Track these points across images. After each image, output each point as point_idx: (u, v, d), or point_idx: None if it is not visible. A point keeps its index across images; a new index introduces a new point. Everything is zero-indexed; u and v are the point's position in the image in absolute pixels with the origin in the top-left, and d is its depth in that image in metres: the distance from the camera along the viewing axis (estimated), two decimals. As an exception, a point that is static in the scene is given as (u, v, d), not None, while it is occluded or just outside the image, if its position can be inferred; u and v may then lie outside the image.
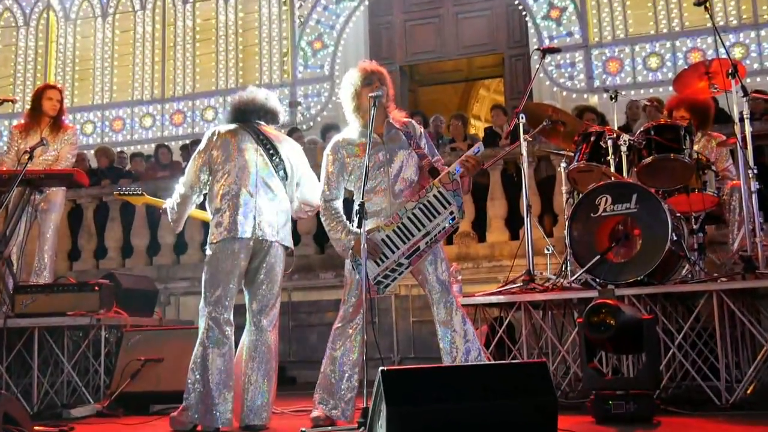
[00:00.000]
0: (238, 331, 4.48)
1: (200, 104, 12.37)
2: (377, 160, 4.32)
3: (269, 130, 4.72)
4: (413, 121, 4.50)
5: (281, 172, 4.57)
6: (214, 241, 4.38)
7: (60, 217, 6.93)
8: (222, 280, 4.35)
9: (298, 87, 11.95)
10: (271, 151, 4.58)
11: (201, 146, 4.55)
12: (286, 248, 4.56)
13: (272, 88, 11.94)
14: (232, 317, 4.39)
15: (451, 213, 4.14)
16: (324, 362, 4.36)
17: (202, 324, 4.35)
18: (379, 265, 4.19)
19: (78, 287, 6.07)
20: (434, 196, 4.17)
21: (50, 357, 6.09)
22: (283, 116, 4.94)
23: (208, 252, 4.42)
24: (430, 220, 4.16)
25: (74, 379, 5.92)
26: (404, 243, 4.18)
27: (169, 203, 4.67)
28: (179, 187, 4.58)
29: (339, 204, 4.43)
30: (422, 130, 4.48)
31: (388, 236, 4.16)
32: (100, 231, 9.72)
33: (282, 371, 7.89)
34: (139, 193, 5.29)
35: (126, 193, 5.37)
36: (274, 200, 4.50)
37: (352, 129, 4.47)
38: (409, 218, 4.19)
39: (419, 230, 4.17)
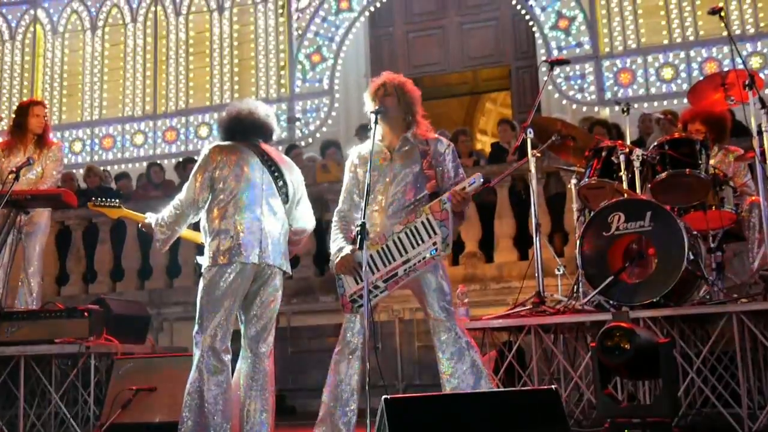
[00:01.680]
0: (233, 357, 4.47)
1: (194, 120, 12.41)
2: (381, 176, 4.34)
3: (270, 149, 4.73)
4: (441, 138, 4.44)
5: (283, 196, 4.58)
6: (216, 264, 4.36)
7: (46, 239, 6.94)
8: (221, 306, 4.33)
9: (296, 102, 11.98)
10: (276, 174, 4.59)
11: (201, 163, 4.49)
12: (284, 273, 4.57)
13: (269, 103, 11.89)
14: (229, 344, 4.38)
15: (434, 244, 4.12)
16: (324, 390, 4.35)
17: (197, 352, 4.32)
18: (357, 283, 4.24)
19: (66, 313, 6.07)
20: (422, 222, 4.16)
21: (37, 387, 6.08)
22: (277, 133, 4.96)
23: (207, 275, 4.39)
24: (413, 248, 4.16)
25: (62, 410, 5.91)
26: (384, 266, 4.20)
27: (155, 219, 4.55)
28: (176, 204, 4.49)
29: (349, 216, 4.43)
30: (448, 148, 4.40)
31: (371, 255, 4.17)
32: (89, 254, 9.72)
33: (281, 400, 7.87)
34: (117, 205, 5.09)
35: (102, 204, 5.13)
36: (278, 224, 4.51)
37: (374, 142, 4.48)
38: (394, 241, 4.20)
39: (401, 255, 4.18)
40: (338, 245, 4.39)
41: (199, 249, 4.58)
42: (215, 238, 4.38)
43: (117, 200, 5.18)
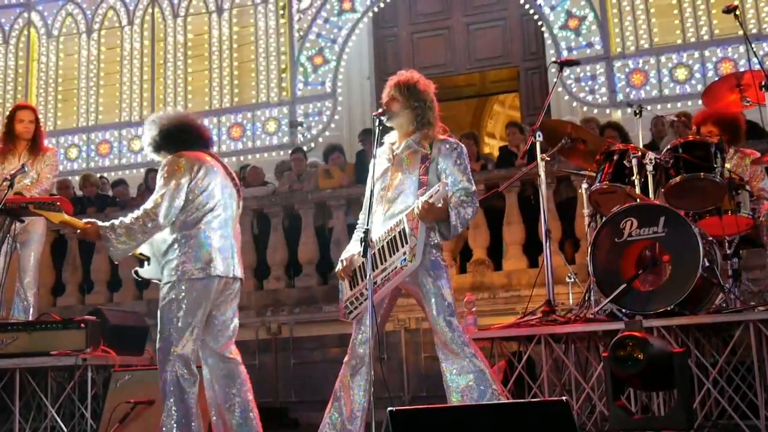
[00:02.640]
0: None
1: (193, 125, 12.42)
2: (382, 183, 4.35)
3: (223, 162, 4.87)
4: (448, 139, 4.34)
5: (236, 209, 4.76)
6: (192, 276, 4.42)
7: (41, 248, 6.95)
8: (195, 320, 4.44)
9: (298, 105, 12.01)
10: (236, 188, 4.79)
11: (173, 170, 4.50)
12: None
13: (270, 107, 12.08)
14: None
15: (404, 253, 4.10)
16: (329, 402, 4.35)
17: (169, 369, 4.38)
18: (351, 289, 4.29)
19: (62, 324, 6.08)
20: (400, 232, 4.16)
21: (32, 400, 6.09)
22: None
23: (178, 288, 4.43)
24: (390, 256, 4.17)
25: (59, 424, 5.92)
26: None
27: (109, 226, 4.46)
28: (150, 213, 4.43)
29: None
30: (455, 150, 4.29)
31: (363, 263, 4.19)
32: (85, 263, 9.74)
33: (284, 413, 7.89)
34: (57, 208, 4.92)
35: (44, 207, 4.98)
36: (237, 237, 4.67)
37: (386, 142, 4.48)
38: (379, 249, 4.22)
39: (381, 264, 4.20)
40: (348, 247, 4.47)
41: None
42: (188, 250, 4.45)
43: (58, 204, 5.01)
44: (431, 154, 4.30)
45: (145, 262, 4.66)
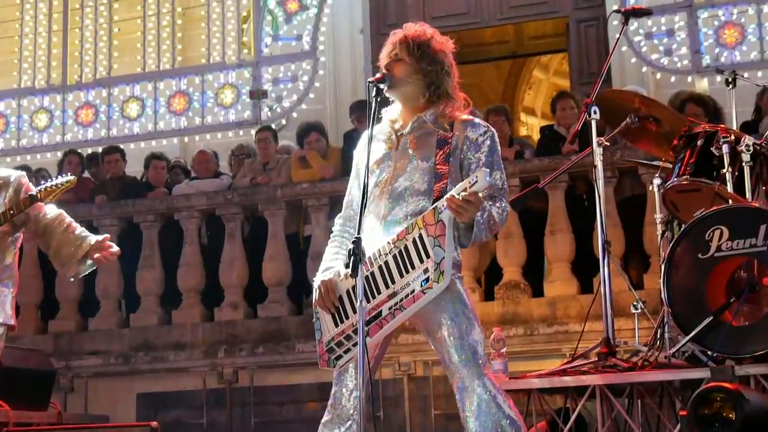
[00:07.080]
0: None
1: (120, 94, 12.41)
2: (381, 171, 4.33)
3: None
4: (475, 120, 4.37)
5: None
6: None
7: None
8: None
9: (264, 68, 11.98)
10: None
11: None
12: None
13: (226, 70, 12.06)
14: None
15: (426, 271, 4.03)
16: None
17: None
18: (337, 325, 4.19)
19: (-63, 367, 6.09)
20: (413, 240, 4.07)
21: None
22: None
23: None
24: (401, 276, 4.07)
25: (-70, 503, 5.92)
26: (367, 301, 4.08)
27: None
28: None
29: (351, 224, 4.42)
30: (486, 135, 4.30)
31: (353, 288, 4.10)
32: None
33: (240, 491, 7.89)
34: None
35: None
36: None
37: (385, 118, 4.47)
38: (380, 267, 4.14)
39: (386, 287, 4.10)
40: (325, 264, 4.39)
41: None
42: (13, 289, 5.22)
43: None
44: (452, 138, 4.30)
45: None
